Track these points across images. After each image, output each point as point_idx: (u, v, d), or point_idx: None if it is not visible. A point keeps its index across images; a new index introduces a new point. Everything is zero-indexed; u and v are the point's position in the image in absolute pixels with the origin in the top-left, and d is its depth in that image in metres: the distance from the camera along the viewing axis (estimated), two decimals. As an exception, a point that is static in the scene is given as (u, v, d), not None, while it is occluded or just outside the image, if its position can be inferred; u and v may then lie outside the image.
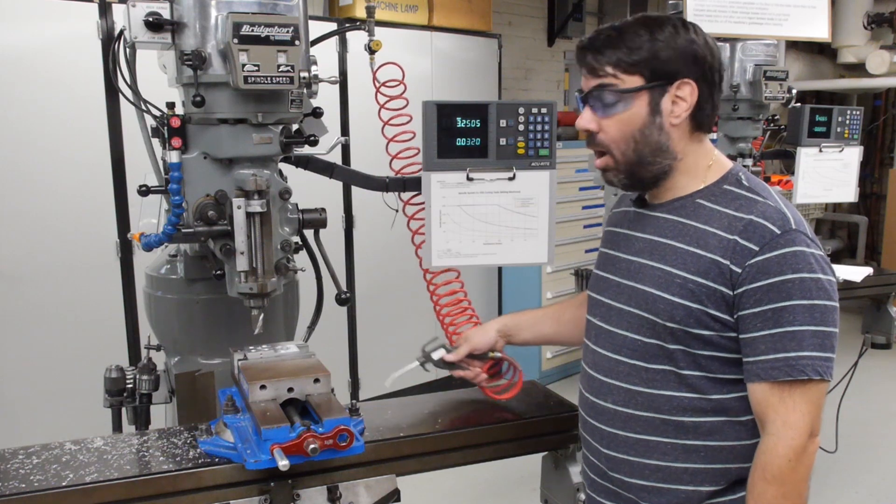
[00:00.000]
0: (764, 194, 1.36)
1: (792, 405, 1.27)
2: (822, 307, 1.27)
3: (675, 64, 1.34)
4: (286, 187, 1.62)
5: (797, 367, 1.26)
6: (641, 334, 1.40)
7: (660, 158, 1.39)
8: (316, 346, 1.72)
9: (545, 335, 1.82)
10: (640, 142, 1.37)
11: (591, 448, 1.52)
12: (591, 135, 1.42)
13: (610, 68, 1.35)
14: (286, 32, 1.46)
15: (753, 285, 1.28)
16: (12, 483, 1.37)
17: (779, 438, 1.28)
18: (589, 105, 1.40)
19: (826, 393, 1.31)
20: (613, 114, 1.37)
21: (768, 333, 1.28)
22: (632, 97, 1.36)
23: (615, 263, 1.50)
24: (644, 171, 1.40)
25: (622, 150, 1.39)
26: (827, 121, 3.16)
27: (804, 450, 1.27)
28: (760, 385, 1.29)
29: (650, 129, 1.37)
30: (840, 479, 3.76)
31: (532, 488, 1.97)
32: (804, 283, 1.27)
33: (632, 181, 1.43)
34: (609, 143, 1.40)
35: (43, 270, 3.21)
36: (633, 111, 1.36)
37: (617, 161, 1.40)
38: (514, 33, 5.67)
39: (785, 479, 1.27)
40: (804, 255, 1.28)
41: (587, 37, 1.41)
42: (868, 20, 6.30)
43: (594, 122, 1.40)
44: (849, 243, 7.75)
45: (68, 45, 3.15)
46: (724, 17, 3.07)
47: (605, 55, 1.36)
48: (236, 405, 1.55)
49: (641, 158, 1.38)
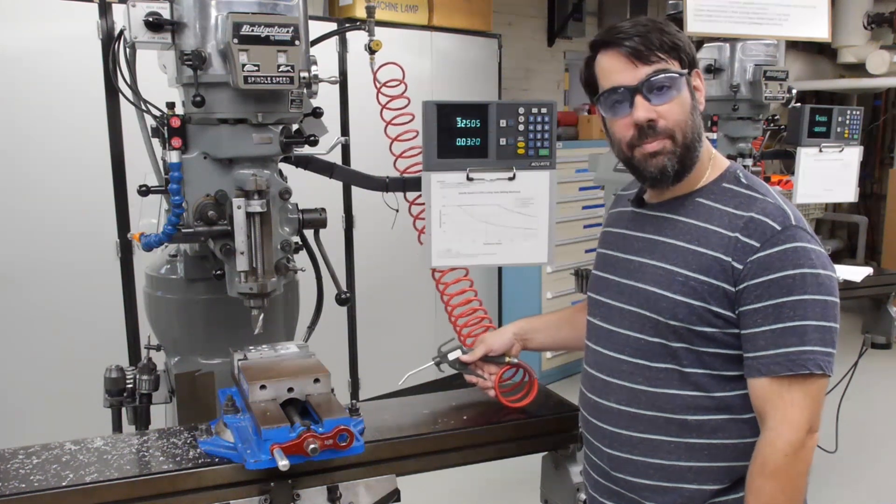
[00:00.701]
0: (762, 191, 1.37)
1: (791, 400, 1.27)
2: (823, 302, 1.28)
3: (693, 53, 1.39)
4: (286, 187, 1.62)
5: (798, 362, 1.26)
6: (644, 333, 1.40)
7: (699, 145, 1.40)
8: (316, 346, 1.72)
9: (563, 339, 1.81)
10: (691, 125, 1.38)
11: (594, 448, 1.52)
12: (644, 127, 1.36)
13: (661, 53, 1.36)
14: (286, 32, 1.46)
15: (755, 281, 1.29)
16: (12, 483, 1.37)
17: (777, 434, 1.28)
18: (642, 95, 1.36)
19: (827, 389, 1.31)
20: (669, 99, 1.36)
21: (769, 329, 1.28)
22: (682, 81, 1.37)
23: (615, 263, 1.50)
24: (691, 156, 1.39)
25: (684, 131, 1.37)
26: (827, 121, 3.16)
27: (802, 445, 1.27)
28: (760, 380, 1.30)
29: (695, 114, 1.39)
30: (840, 479, 3.76)
31: (532, 488, 1.97)
32: (805, 279, 1.27)
33: (682, 166, 1.39)
34: (674, 127, 1.36)
35: (43, 271, 3.21)
36: (684, 95, 1.37)
37: (677, 144, 1.37)
38: (514, 33, 5.67)
39: (782, 474, 1.27)
40: (805, 250, 1.29)
41: (618, 27, 1.38)
42: (868, 20, 6.30)
43: (651, 110, 1.36)
44: (849, 243, 7.74)
45: (68, 45, 3.15)
46: (724, 17, 3.07)
47: (652, 40, 1.35)
48: (236, 405, 1.55)
49: (692, 142, 1.39)
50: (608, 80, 1.39)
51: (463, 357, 1.76)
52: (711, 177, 1.42)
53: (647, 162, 1.39)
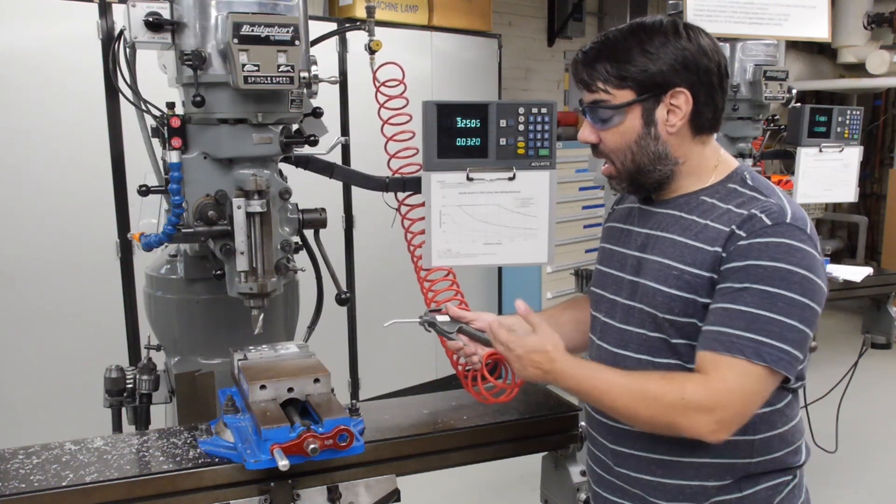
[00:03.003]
0: (767, 192, 1.36)
1: (721, 377, 1.25)
2: (789, 299, 1.24)
3: (666, 75, 1.35)
4: (286, 187, 1.62)
5: (737, 346, 1.24)
6: (646, 328, 1.41)
7: (659, 166, 1.40)
8: (316, 346, 1.72)
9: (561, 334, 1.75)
10: (636, 152, 1.39)
11: (597, 443, 1.53)
12: (594, 145, 1.45)
13: (601, 84, 1.38)
14: (286, 32, 1.46)
15: (730, 265, 1.29)
16: (12, 483, 1.37)
17: (696, 383, 1.26)
18: (588, 118, 1.43)
19: (769, 387, 1.27)
20: (610, 127, 1.40)
21: (722, 307, 1.28)
22: (624, 111, 1.38)
23: (617, 258, 1.51)
24: (644, 178, 1.42)
25: (621, 160, 1.42)
26: (827, 121, 3.16)
27: (697, 411, 1.24)
28: (701, 353, 1.29)
29: (646, 141, 1.38)
30: (840, 479, 3.76)
31: (532, 488, 1.98)
32: (779, 273, 1.25)
33: (634, 187, 1.46)
34: (609, 154, 1.43)
35: (43, 270, 3.21)
36: (628, 124, 1.38)
37: (618, 170, 1.44)
38: (514, 33, 5.67)
39: (660, 403, 1.26)
40: (790, 247, 1.27)
41: (581, 49, 1.43)
42: (868, 20, 6.30)
43: (594, 134, 1.43)
44: (849, 243, 7.75)
45: (68, 45, 3.15)
46: (724, 17, 3.07)
47: (597, 70, 1.38)
48: (236, 405, 1.55)
49: (640, 167, 1.41)
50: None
51: (452, 311, 1.67)
52: (718, 178, 1.42)
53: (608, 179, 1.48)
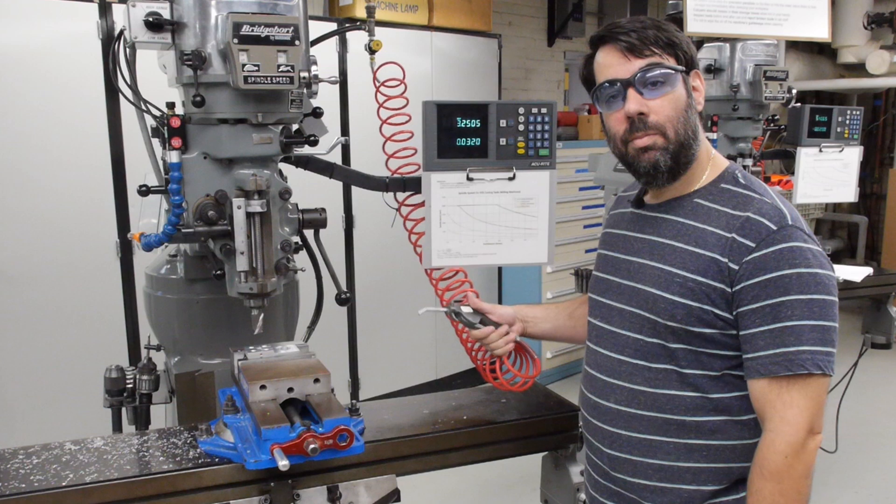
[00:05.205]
0: (760, 191, 1.37)
1: (790, 401, 1.27)
2: (820, 301, 1.27)
3: (693, 53, 1.40)
4: (286, 187, 1.62)
5: (796, 362, 1.26)
6: (643, 334, 1.40)
7: (694, 144, 1.40)
8: (316, 346, 1.72)
9: (560, 327, 1.75)
10: (684, 122, 1.38)
11: (594, 448, 1.52)
12: (635, 120, 1.37)
13: (656, 48, 1.36)
14: (286, 32, 1.46)
15: (751, 281, 1.29)
16: (12, 483, 1.37)
17: (776, 435, 1.27)
18: (634, 88, 1.37)
19: (828, 388, 1.30)
20: (660, 94, 1.36)
21: (767, 329, 1.28)
22: (677, 77, 1.37)
23: (615, 264, 1.51)
24: (685, 154, 1.39)
25: (676, 128, 1.37)
26: (827, 121, 3.16)
27: (803, 447, 1.26)
28: (759, 381, 1.29)
29: (690, 112, 1.39)
30: (840, 479, 3.76)
31: (532, 488, 1.97)
32: (801, 278, 1.27)
33: (675, 163, 1.39)
34: (664, 122, 1.37)
35: (43, 270, 3.21)
36: (678, 91, 1.38)
37: (669, 140, 1.37)
38: (514, 33, 5.67)
39: (782, 476, 1.27)
40: (801, 250, 1.28)
41: (617, 23, 1.40)
42: (868, 20, 6.30)
43: (643, 104, 1.36)
44: (849, 243, 7.74)
45: (68, 45, 3.15)
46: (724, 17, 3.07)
47: (648, 35, 1.36)
48: (236, 405, 1.55)
49: (686, 140, 1.38)
50: (603, 74, 1.41)
51: (473, 301, 1.67)
52: (710, 177, 1.42)
53: (639, 157, 1.40)
